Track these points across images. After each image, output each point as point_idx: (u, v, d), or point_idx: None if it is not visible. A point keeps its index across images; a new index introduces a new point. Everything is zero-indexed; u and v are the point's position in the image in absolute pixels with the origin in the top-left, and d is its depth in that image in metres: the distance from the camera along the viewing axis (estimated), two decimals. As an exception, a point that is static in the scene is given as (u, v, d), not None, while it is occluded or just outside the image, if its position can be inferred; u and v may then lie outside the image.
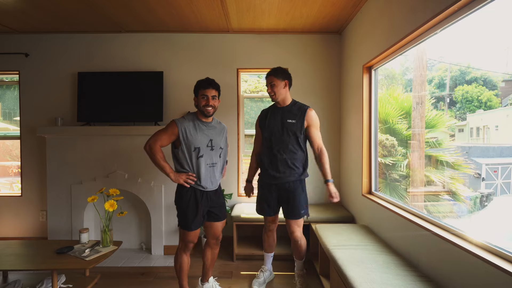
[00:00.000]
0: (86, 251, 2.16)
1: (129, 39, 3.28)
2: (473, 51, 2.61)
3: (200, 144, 1.93)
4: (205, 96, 1.93)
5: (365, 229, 2.39)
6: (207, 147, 1.96)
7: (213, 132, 2.01)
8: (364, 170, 2.59)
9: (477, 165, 2.64)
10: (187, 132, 1.90)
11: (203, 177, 1.95)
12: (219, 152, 2.03)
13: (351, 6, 2.61)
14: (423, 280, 1.56)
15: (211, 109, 1.95)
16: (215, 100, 1.97)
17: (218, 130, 2.05)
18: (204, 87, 1.94)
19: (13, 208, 3.32)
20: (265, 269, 2.43)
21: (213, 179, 2.00)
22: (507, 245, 1.23)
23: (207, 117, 1.98)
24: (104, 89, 3.18)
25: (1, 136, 3.69)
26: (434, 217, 1.71)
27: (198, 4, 2.59)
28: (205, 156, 1.95)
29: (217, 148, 2.00)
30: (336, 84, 3.31)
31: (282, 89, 2.12)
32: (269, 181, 2.18)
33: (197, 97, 1.96)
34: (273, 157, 2.15)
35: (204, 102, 1.93)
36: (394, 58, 2.21)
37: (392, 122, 3.00)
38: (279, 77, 2.11)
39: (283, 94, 2.13)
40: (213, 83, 1.97)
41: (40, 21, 2.96)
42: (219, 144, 2.02)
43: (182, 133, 1.90)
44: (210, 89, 1.94)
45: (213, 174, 2.00)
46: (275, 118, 2.16)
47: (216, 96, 1.98)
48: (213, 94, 1.95)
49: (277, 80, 2.10)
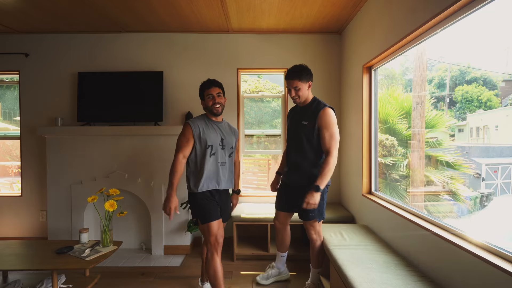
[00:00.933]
0: (86, 251, 2.16)
1: (129, 39, 3.28)
2: (473, 51, 2.61)
3: (213, 142, 1.95)
4: (211, 96, 1.96)
5: (365, 229, 2.39)
6: (219, 145, 1.98)
7: (224, 132, 2.04)
8: (364, 170, 2.59)
9: (477, 165, 2.64)
10: (200, 130, 1.94)
11: (207, 175, 1.93)
12: (229, 152, 2.05)
13: (351, 6, 2.61)
14: (423, 280, 1.56)
15: (219, 107, 1.97)
16: (221, 98, 2.00)
17: (228, 131, 2.09)
18: (208, 87, 1.98)
19: (13, 208, 3.32)
20: (272, 265, 2.43)
21: (220, 179, 1.99)
22: (507, 245, 1.23)
23: (216, 115, 2.01)
24: (104, 89, 3.18)
25: (1, 136, 3.69)
26: (434, 217, 1.71)
27: (198, 4, 2.59)
28: (217, 154, 1.97)
29: (227, 148, 2.02)
30: (336, 84, 3.31)
31: (306, 90, 2.00)
32: (284, 179, 2.21)
33: (204, 100, 2.00)
34: (288, 159, 2.14)
35: (211, 101, 1.96)
36: (394, 58, 2.21)
37: (392, 122, 3.00)
38: (304, 79, 1.96)
39: (306, 95, 2.02)
40: (215, 82, 2.02)
41: (40, 21, 2.96)
42: (230, 144, 2.05)
43: (195, 131, 1.93)
44: (213, 88, 1.98)
45: (221, 173, 1.99)
46: (294, 118, 2.11)
47: (221, 93, 2.01)
48: (218, 91, 1.98)
49: (302, 84, 1.96)
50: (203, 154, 1.93)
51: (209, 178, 1.94)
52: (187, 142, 1.92)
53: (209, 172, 1.94)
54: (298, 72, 1.96)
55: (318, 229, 2.15)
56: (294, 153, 2.08)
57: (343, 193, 3.19)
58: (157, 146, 3.06)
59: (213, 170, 1.96)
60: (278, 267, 2.41)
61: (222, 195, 2.05)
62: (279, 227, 2.29)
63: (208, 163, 1.93)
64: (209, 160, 1.93)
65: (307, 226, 2.13)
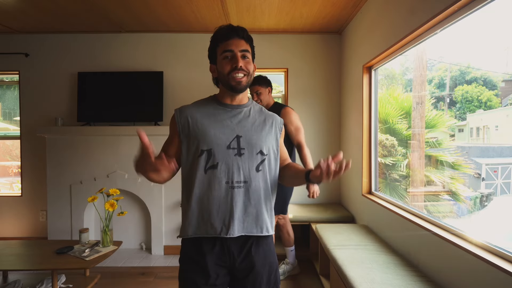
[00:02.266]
0: (86, 251, 2.16)
1: (129, 39, 3.28)
2: (473, 51, 2.62)
3: (212, 144, 1.00)
4: (230, 53, 1.03)
5: (365, 229, 2.40)
6: (228, 149, 1.01)
7: (245, 122, 1.07)
8: (364, 170, 2.59)
9: (477, 165, 2.64)
10: (190, 121, 1.04)
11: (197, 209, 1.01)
12: (258, 160, 1.03)
13: (351, 6, 2.61)
14: (423, 280, 1.56)
15: (243, 77, 1.03)
16: (249, 61, 1.06)
17: (258, 120, 1.10)
18: (226, 37, 1.05)
19: (13, 208, 3.32)
20: (286, 261, 2.52)
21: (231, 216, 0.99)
22: (507, 245, 1.23)
23: (236, 92, 1.05)
24: (104, 89, 3.18)
25: (1, 136, 3.69)
26: (434, 217, 1.71)
27: (198, 4, 2.59)
28: (222, 166, 1.00)
29: (251, 152, 1.03)
30: (336, 84, 3.31)
31: (267, 95, 2.31)
32: None
33: (216, 63, 1.10)
34: None
35: (228, 65, 1.03)
36: (394, 58, 2.21)
37: (392, 122, 3.00)
38: (263, 85, 2.28)
39: (267, 99, 2.32)
40: (239, 31, 1.06)
41: (40, 21, 2.96)
42: (258, 145, 1.04)
43: (181, 122, 1.05)
44: (235, 40, 1.04)
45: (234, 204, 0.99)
46: None
47: (249, 52, 1.08)
48: (243, 47, 1.05)
49: (262, 88, 2.27)
50: (193, 166, 1.02)
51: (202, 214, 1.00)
52: (171, 140, 1.09)
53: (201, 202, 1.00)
54: (258, 79, 2.27)
55: None
56: None
57: (343, 193, 3.19)
58: (157, 146, 3.03)
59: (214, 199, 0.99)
60: (291, 262, 2.53)
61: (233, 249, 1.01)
62: (281, 223, 2.42)
63: (201, 184, 1.00)
64: (203, 178, 1.00)
65: None
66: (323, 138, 3.29)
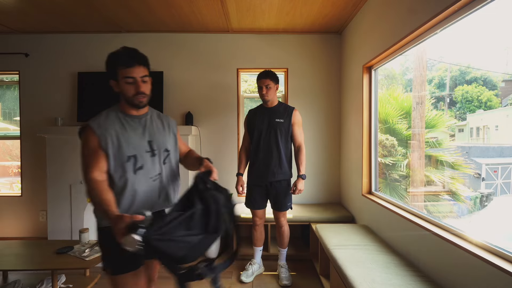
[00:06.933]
0: (86, 251, 2.16)
1: (129, 39, 3.28)
2: (473, 51, 2.62)
3: (136, 150, 1.26)
4: (131, 80, 1.22)
5: (365, 229, 2.40)
6: (147, 152, 1.29)
7: (151, 129, 1.35)
8: (364, 170, 2.59)
9: (477, 165, 2.64)
10: (111, 139, 1.22)
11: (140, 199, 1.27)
12: (164, 156, 1.36)
13: (351, 6, 2.61)
14: (423, 280, 1.56)
15: (144, 97, 1.26)
16: (147, 84, 1.26)
17: (159, 125, 1.40)
18: (126, 65, 1.20)
19: (13, 208, 3.32)
20: (254, 262, 2.50)
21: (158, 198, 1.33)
22: (507, 245, 1.23)
23: (139, 108, 1.30)
24: (104, 89, 3.16)
25: (1, 136, 3.69)
26: (434, 217, 1.71)
27: (198, 4, 2.59)
28: (146, 166, 1.28)
29: (160, 152, 1.34)
30: (336, 84, 3.31)
31: (274, 91, 2.30)
32: (258, 179, 2.32)
33: (117, 81, 1.24)
34: (261, 156, 2.29)
35: (132, 90, 1.23)
36: (394, 58, 2.21)
37: (392, 122, 3.00)
38: (274, 80, 2.28)
39: (274, 96, 2.32)
40: (137, 55, 1.23)
41: (40, 21, 2.96)
42: (163, 145, 1.36)
43: (103, 142, 1.20)
44: (136, 68, 1.21)
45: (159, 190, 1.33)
46: (263, 118, 2.32)
47: (147, 76, 1.26)
48: (142, 73, 1.23)
49: (272, 83, 2.27)
50: (123, 171, 1.23)
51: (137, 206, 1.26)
52: (95, 153, 1.20)
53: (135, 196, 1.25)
54: (270, 73, 2.27)
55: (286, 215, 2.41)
56: (268, 150, 2.27)
57: (343, 193, 3.19)
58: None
59: (145, 191, 1.28)
60: (258, 262, 2.53)
61: None
62: (259, 223, 2.43)
63: (134, 183, 1.24)
64: (133, 178, 1.24)
65: (279, 215, 2.35)
66: (323, 138, 3.29)
